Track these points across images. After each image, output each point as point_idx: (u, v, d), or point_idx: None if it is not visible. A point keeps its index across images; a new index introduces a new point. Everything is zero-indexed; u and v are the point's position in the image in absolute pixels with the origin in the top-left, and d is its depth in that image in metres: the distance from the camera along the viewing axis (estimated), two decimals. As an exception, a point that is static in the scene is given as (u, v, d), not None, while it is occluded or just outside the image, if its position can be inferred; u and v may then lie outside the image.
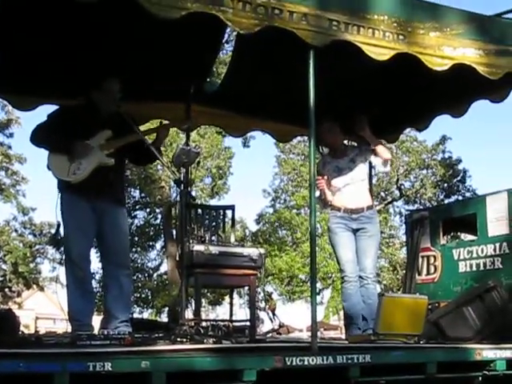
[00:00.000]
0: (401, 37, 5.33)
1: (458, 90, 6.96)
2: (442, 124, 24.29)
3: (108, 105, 6.06)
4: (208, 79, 8.18)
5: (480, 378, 5.55)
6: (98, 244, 6.22)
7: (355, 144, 7.67)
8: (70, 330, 5.90)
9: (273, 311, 8.49)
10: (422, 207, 28.87)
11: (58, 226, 5.90)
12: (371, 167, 7.60)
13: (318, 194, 6.82)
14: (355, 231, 6.91)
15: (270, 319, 7.99)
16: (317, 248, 5.33)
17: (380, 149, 7.03)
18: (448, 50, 5.53)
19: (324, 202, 7.03)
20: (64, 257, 6.07)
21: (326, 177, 6.89)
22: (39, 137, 5.94)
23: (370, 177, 7.35)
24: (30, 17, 5.94)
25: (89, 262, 6.07)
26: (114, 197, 6.09)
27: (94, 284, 7.10)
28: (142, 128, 6.39)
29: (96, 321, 6.29)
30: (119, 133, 6.02)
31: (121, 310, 6.00)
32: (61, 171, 5.84)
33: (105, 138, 6.01)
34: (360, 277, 6.84)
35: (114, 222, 6.12)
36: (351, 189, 6.96)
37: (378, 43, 5.23)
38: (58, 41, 6.36)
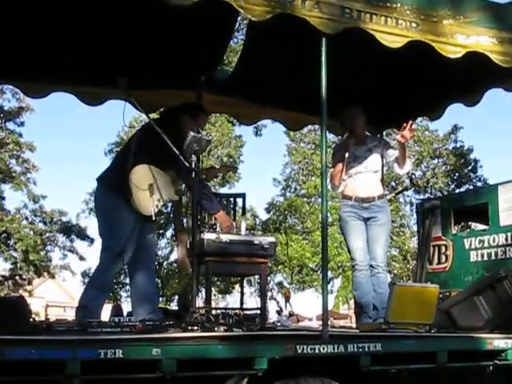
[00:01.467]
0: (414, 24, 5.30)
1: (471, 78, 6.93)
2: (454, 113, 24.31)
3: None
4: (219, 67, 8.16)
5: (491, 368, 5.53)
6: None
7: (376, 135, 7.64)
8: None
9: (287, 298, 8.47)
10: (432, 197, 28.82)
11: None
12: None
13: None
14: (366, 220, 6.90)
15: (280, 308, 7.98)
16: (328, 237, 5.30)
17: (402, 159, 7.01)
18: (461, 37, 5.49)
19: (332, 183, 7.03)
20: (104, 255, 6.10)
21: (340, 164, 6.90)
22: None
23: (382, 167, 7.29)
24: (41, 3, 5.94)
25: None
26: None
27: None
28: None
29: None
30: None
31: (141, 308, 6.07)
32: (143, 205, 5.90)
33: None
34: (371, 266, 6.83)
35: (149, 233, 6.32)
36: (363, 177, 6.94)
37: (391, 31, 5.20)
38: (70, 27, 6.37)
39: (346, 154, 6.91)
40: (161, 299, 33.65)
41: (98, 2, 5.51)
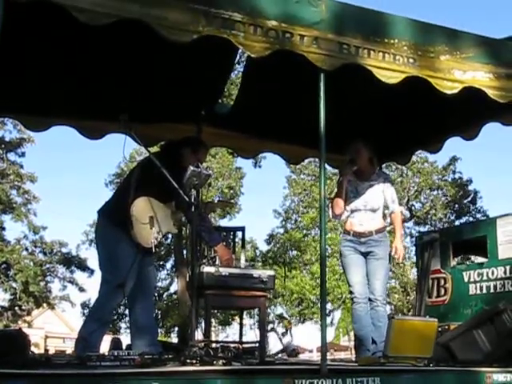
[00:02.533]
0: (411, 60, 5.36)
1: (469, 112, 6.96)
2: (454, 144, 24.37)
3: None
4: (219, 100, 8.21)
5: (490, 402, 5.53)
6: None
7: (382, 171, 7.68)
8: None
9: (288, 330, 8.45)
10: (432, 228, 28.82)
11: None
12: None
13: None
14: (365, 254, 6.92)
15: (280, 339, 7.96)
16: (327, 270, 5.32)
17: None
18: (458, 73, 5.55)
19: (333, 212, 7.10)
20: (105, 288, 6.12)
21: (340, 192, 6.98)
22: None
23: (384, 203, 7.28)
24: (43, 39, 6.00)
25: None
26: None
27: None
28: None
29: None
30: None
31: (140, 341, 6.09)
32: (143, 238, 5.95)
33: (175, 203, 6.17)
34: (370, 299, 6.83)
35: (149, 265, 6.36)
36: (361, 215, 6.98)
37: (388, 66, 5.26)
38: (70, 63, 6.41)
39: (344, 181, 6.99)
40: (160, 330, 33.56)
41: (98, 37, 5.54)
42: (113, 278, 6.00)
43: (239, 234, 7.27)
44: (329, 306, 30.27)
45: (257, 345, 6.51)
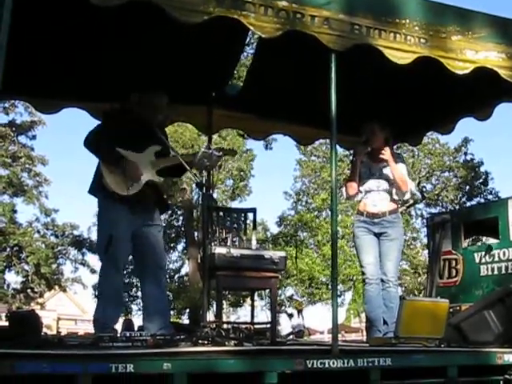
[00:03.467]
0: (422, 40, 5.33)
1: (481, 92, 6.91)
2: (465, 125, 24.25)
3: (153, 118, 6.07)
4: (230, 82, 8.20)
5: (501, 382, 5.53)
6: (137, 256, 6.17)
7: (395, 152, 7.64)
8: (92, 331, 5.91)
9: (299, 311, 8.48)
10: (443, 210, 28.78)
11: (110, 238, 5.86)
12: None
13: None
14: (378, 235, 6.91)
15: (290, 316, 7.98)
16: (338, 250, 5.33)
17: (398, 179, 7.03)
18: (470, 53, 5.52)
19: (346, 192, 7.09)
20: (103, 264, 5.97)
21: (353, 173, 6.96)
22: (94, 146, 5.89)
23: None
24: (54, 21, 6.00)
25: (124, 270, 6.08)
26: (154, 210, 6.14)
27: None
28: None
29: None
30: (164, 148, 6.07)
31: (152, 322, 5.97)
32: (117, 185, 5.80)
33: (155, 152, 6.03)
34: (382, 280, 6.83)
35: (153, 235, 6.12)
36: (375, 196, 6.95)
37: (399, 47, 5.24)
38: (81, 45, 6.41)
39: (358, 161, 6.97)
40: (172, 312, 33.71)
41: (109, 19, 5.54)
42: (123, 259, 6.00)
43: (250, 215, 7.28)
44: (340, 288, 30.26)
45: (268, 325, 6.54)
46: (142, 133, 5.96)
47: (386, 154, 6.89)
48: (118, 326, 6.33)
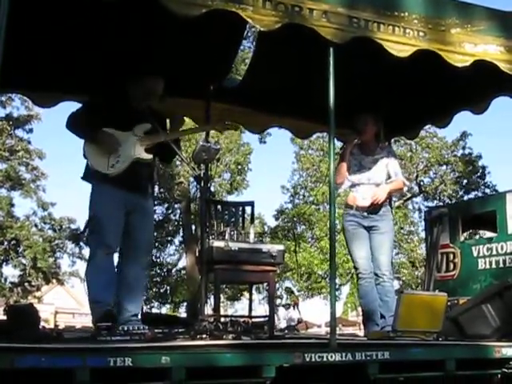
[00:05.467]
0: (421, 33, 5.33)
1: (478, 86, 6.92)
2: (463, 119, 24.27)
3: (144, 100, 6.02)
4: (228, 76, 8.19)
5: (499, 376, 5.55)
6: (123, 237, 6.00)
7: (385, 145, 7.62)
8: (89, 324, 5.86)
9: (295, 305, 8.48)
10: (441, 203, 28.80)
11: (90, 219, 5.79)
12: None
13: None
14: (368, 229, 6.88)
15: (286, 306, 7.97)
16: (336, 244, 5.31)
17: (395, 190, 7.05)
18: (469, 46, 5.52)
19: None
20: (92, 247, 5.84)
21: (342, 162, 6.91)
22: (75, 124, 5.85)
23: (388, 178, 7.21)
24: (52, 13, 5.98)
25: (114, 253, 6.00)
26: (145, 192, 6.06)
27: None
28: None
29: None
30: (154, 128, 5.99)
31: (134, 303, 5.91)
32: (99, 163, 5.74)
33: (144, 130, 5.95)
34: (376, 274, 6.80)
35: (143, 218, 6.02)
36: (365, 189, 6.91)
37: (398, 40, 5.24)
38: (79, 38, 6.40)
39: (348, 149, 6.94)
40: (170, 306, 33.77)
41: (109, 11, 5.53)
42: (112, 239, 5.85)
43: (248, 209, 7.27)
44: (337, 281, 30.25)
45: (266, 319, 6.54)
46: (133, 115, 5.91)
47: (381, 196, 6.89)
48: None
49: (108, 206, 5.78)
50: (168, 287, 32.74)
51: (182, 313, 32.53)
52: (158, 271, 32.40)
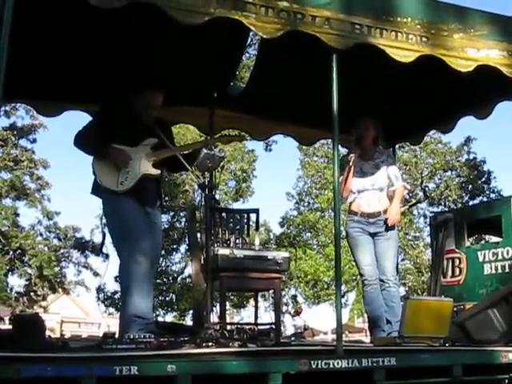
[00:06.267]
0: (424, 39, 5.34)
1: (482, 91, 6.92)
2: (467, 124, 24.32)
3: (148, 114, 6.03)
4: (231, 83, 8.20)
5: (506, 381, 5.52)
6: None
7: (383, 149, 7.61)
8: (100, 334, 5.80)
9: (298, 313, 8.47)
10: (446, 209, 28.73)
11: (104, 236, 5.76)
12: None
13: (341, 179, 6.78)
14: (373, 235, 6.87)
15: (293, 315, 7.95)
16: (341, 250, 5.30)
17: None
18: (472, 51, 5.53)
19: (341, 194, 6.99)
20: (124, 260, 5.73)
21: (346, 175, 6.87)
22: (83, 141, 5.83)
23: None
24: (55, 23, 6.00)
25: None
26: (153, 206, 6.06)
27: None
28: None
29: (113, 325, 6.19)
30: (161, 141, 6.00)
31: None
32: (108, 180, 5.75)
33: (151, 145, 5.96)
34: (381, 280, 6.78)
35: (150, 231, 5.95)
36: (369, 195, 6.90)
37: (401, 45, 5.24)
38: (83, 47, 6.41)
39: (351, 163, 6.88)
40: (175, 314, 33.71)
41: (111, 20, 5.53)
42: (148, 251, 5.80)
43: (253, 216, 7.28)
44: (343, 288, 30.23)
45: (272, 326, 6.53)
46: (139, 129, 5.92)
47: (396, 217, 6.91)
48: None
49: (136, 214, 5.79)
50: (174, 295, 32.68)
51: (188, 321, 32.46)
52: (164, 279, 32.35)
